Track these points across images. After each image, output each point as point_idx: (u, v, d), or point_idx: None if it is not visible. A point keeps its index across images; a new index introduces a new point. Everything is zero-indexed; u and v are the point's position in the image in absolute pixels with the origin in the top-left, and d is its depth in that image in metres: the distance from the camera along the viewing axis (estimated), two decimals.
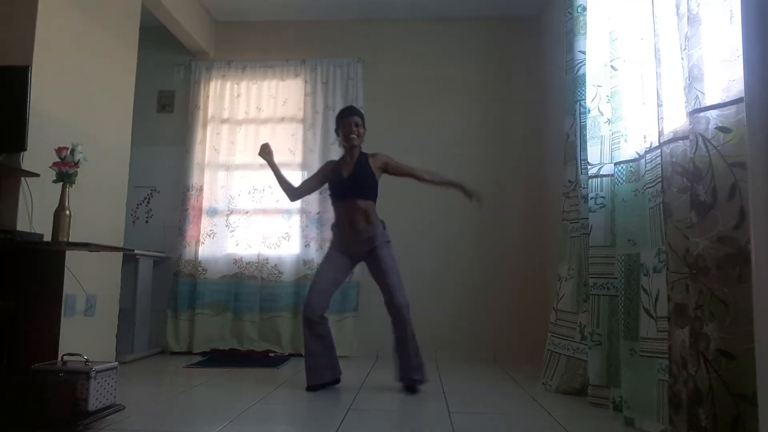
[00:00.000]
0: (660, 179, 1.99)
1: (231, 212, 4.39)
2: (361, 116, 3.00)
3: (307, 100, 4.46)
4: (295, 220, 4.35)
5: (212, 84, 4.56)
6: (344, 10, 4.52)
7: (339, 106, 4.40)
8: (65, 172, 2.38)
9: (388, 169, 3.01)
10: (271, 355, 4.12)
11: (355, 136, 2.94)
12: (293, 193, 3.10)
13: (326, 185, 3.09)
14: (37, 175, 2.49)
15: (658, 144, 2.04)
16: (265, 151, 3.08)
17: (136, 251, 3.68)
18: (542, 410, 2.43)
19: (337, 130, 3.04)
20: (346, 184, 2.90)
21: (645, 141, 2.26)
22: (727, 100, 1.65)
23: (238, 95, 4.54)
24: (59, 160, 2.37)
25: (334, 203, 3.00)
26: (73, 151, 2.40)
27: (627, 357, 2.23)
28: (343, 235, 2.93)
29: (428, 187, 4.30)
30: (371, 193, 2.94)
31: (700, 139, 1.70)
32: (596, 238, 2.56)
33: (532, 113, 4.41)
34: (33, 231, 2.50)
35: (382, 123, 4.30)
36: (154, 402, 2.50)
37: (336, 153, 4.37)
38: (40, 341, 2.29)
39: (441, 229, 4.32)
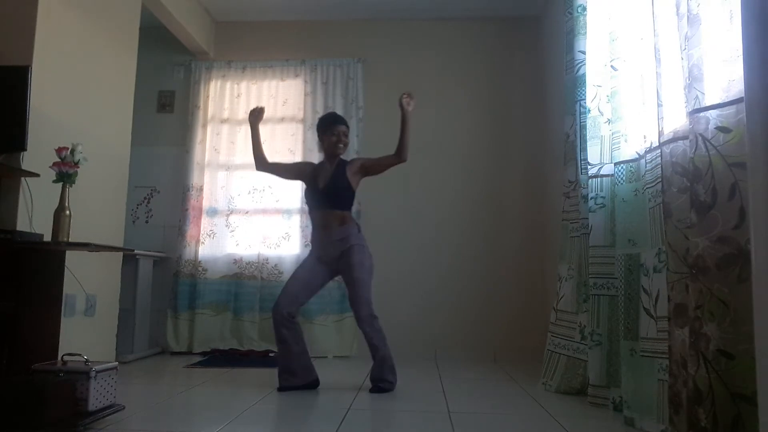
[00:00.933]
0: (660, 179, 1.99)
1: (231, 212, 4.39)
2: (348, 125, 3.02)
3: (307, 100, 4.46)
4: (295, 220, 4.35)
5: (212, 84, 4.56)
6: (344, 10, 4.52)
7: (339, 106, 4.42)
8: (65, 172, 2.38)
9: (367, 171, 2.98)
10: (271, 355, 4.11)
11: (342, 145, 2.95)
12: (263, 165, 3.03)
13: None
14: (37, 175, 2.49)
15: (658, 144, 2.04)
16: (254, 114, 3.05)
17: (136, 251, 3.69)
18: (542, 410, 2.43)
19: (321, 137, 2.99)
20: (322, 194, 2.90)
21: (645, 141, 2.26)
22: (727, 100, 1.65)
23: (238, 95, 4.54)
24: (59, 160, 2.37)
25: (309, 210, 3.00)
26: (73, 151, 2.40)
27: (627, 357, 2.23)
28: (317, 238, 2.93)
29: (428, 189, 4.34)
30: (346, 204, 2.93)
31: (700, 139, 1.70)
32: (596, 238, 2.56)
33: (532, 113, 4.41)
34: (33, 231, 2.50)
35: (382, 123, 4.30)
36: (154, 402, 2.50)
37: None
38: (40, 341, 2.29)
39: (441, 229, 4.32)
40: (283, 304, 2.82)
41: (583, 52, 2.84)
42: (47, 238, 2.42)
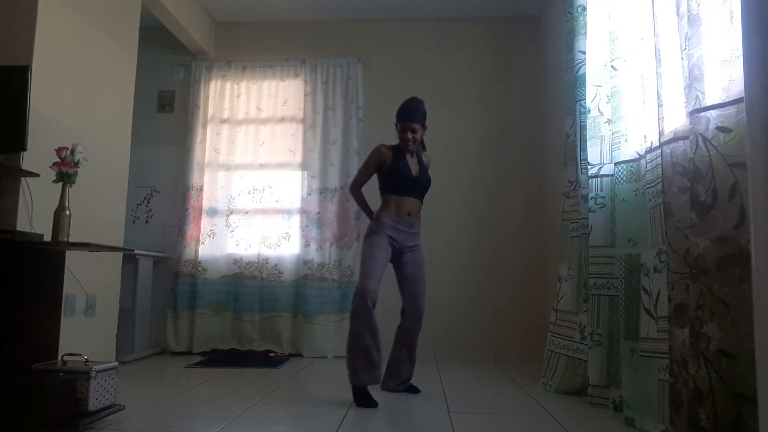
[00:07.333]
0: (660, 179, 1.99)
1: (231, 212, 4.39)
2: (423, 119, 2.85)
3: (307, 100, 4.46)
4: (295, 220, 4.35)
5: (212, 84, 4.56)
6: (344, 10, 4.52)
7: (339, 106, 4.42)
8: (65, 172, 2.37)
9: None
10: (271, 355, 4.12)
11: (411, 142, 2.82)
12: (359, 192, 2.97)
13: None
14: (37, 175, 2.49)
15: (658, 144, 2.04)
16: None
17: (136, 251, 3.68)
18: (542, 410, 2.43)
19: (396, 124, 2.89)
20: (415, 182, 2.82)
21: (645, 141, 2.26)
22: (727, 100, 1.66)
23: (238, 95, 4.54)
24: (59, 160, 2.37)
25: (393, 194, 2.81)
26: (73, 151, 2.40)
27: (627, 357, 2.23)
28: (397, 222, 2.77)
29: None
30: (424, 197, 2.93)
31: (700, 139, 1.70)
32: (596, 238, 2.56)
33: (532, 113, 4.41)
34: (33, 231, 2.50)
35: (382, 123, 4.30)
36: (154, 402, 2.50)
37: (336, 153, 4.39)
38: (40, 341, 2.29)
39: (440, 228, 4.32)
40: (373, 291, 2.59)
41: (583, 52, 2.84)
42: (47, 238, 2.42)
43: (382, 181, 2.85)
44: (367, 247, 2.74)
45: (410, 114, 2.84)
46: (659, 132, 2.00)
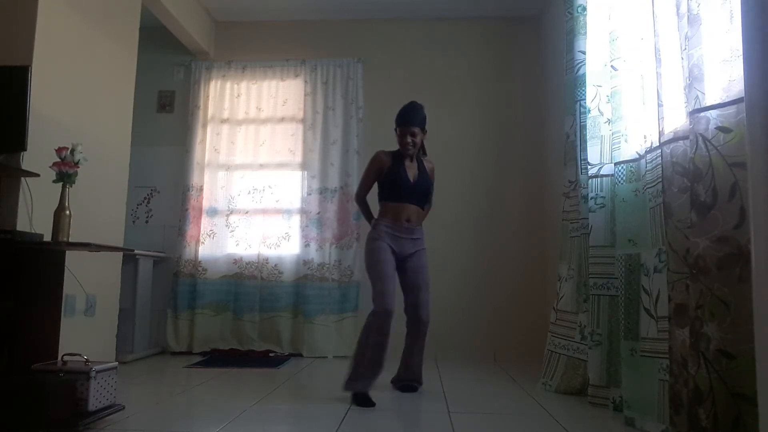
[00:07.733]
0: (660, 179, 1.99)
1: (231, 212, 4.39)
2: (422, 123, 2.84)
3: (307, 100, 4.46)
4: (295, 220, 4.35)
5: (212, 84, 4.56)
6: (344, 10, 4.52)
7: (339, 106, 4.42)
8: (65, 172, 2.37)
9: None
10: (271, 355, 4.12)
11: (410, 147, 2.80)
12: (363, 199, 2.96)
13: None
14: (37, 175, 2.49)
15: (658, 144, 2.04)
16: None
17: (136, 251, 3.68)
18: (542, 410, 2.43)
19: (395, 129, 2.88)
20: (413, 188, 2.80)
21: (645, 141, 2.26)
22: (727, 100, 1.66)
23: (238, 95, 4.54)
24: (59, 160, 2.37)
25: (390, 201, 2.81)
26: (73, 151, 2.40)
27: (627, 357, 2.23)
28: (395, 230, 2.77)
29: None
30: (426, 202, 2.91)
31: (700, 139, 1.70)
32: (596, 238, 2.56)
33: (532, 113, 4.41)
34: (33, 231, 2.50)
35: (382, 123, 4.30)
36: (154, 402, 2.50)
37: (336, 153, 4.39)
38: (40, 341, 2.29)
39: (440, 228, 4.32)
40: (393, 311, 2.61)
41: (583, 52, 2.84)
42: (47, 238, 2.42)
43: (380, 188, 2.86)
44: (373, 261, 2.71)
45: (409, 118, 2.83)
46: (659, 132, 2.00)
